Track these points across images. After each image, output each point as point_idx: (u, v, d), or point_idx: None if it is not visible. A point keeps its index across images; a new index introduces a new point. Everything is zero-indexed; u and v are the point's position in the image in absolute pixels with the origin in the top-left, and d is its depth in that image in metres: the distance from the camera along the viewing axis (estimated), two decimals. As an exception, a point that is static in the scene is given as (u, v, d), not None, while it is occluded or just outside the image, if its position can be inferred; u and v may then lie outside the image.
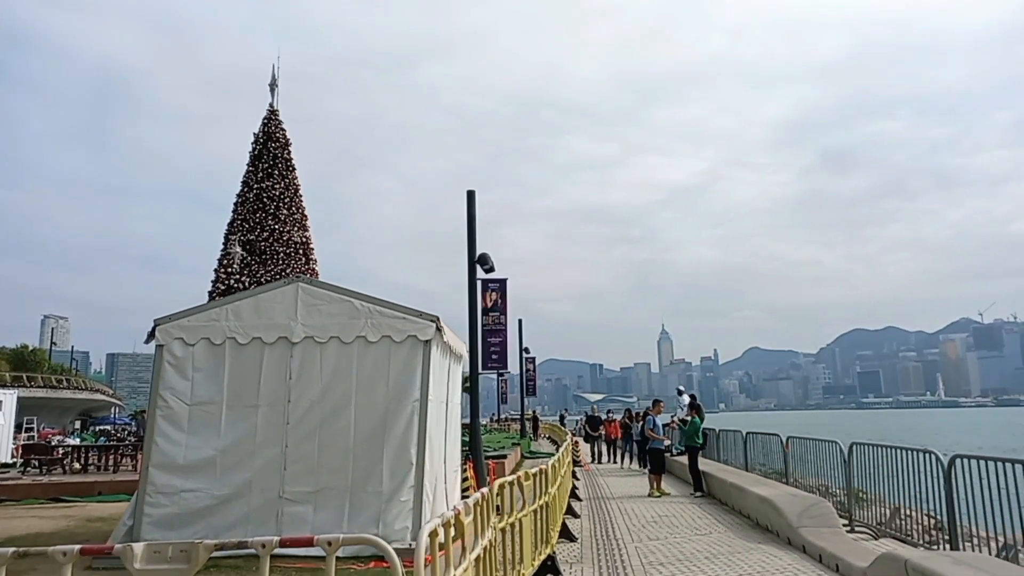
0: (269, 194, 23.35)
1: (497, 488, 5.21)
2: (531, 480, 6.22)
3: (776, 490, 10.22)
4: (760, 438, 13.84)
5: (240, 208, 23.50)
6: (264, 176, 23.39)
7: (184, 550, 3.19)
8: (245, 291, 9.22)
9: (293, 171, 24.46)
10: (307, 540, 3.12)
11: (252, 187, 23.37)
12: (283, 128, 24.35)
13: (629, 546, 8.77)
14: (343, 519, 8.46)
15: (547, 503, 7.02)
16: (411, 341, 8.91)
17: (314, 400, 8.77)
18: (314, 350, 8.91)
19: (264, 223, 23.16)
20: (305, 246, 24.02)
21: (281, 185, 23.76)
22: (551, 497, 7.36)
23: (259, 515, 8.50)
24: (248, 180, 23.49)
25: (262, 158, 23.65)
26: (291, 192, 23.99)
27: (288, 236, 23.52)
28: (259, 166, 23.55)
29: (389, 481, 8.52)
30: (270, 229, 23.24)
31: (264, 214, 23.26)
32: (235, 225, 23.33)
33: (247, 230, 23.16)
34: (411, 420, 8.69)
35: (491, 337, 15.15)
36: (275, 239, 23.39)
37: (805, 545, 8.13)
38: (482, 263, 14.67)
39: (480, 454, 13.84)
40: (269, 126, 24.02)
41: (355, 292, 9.23)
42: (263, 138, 23.86)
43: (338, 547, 3.09)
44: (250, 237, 23.14)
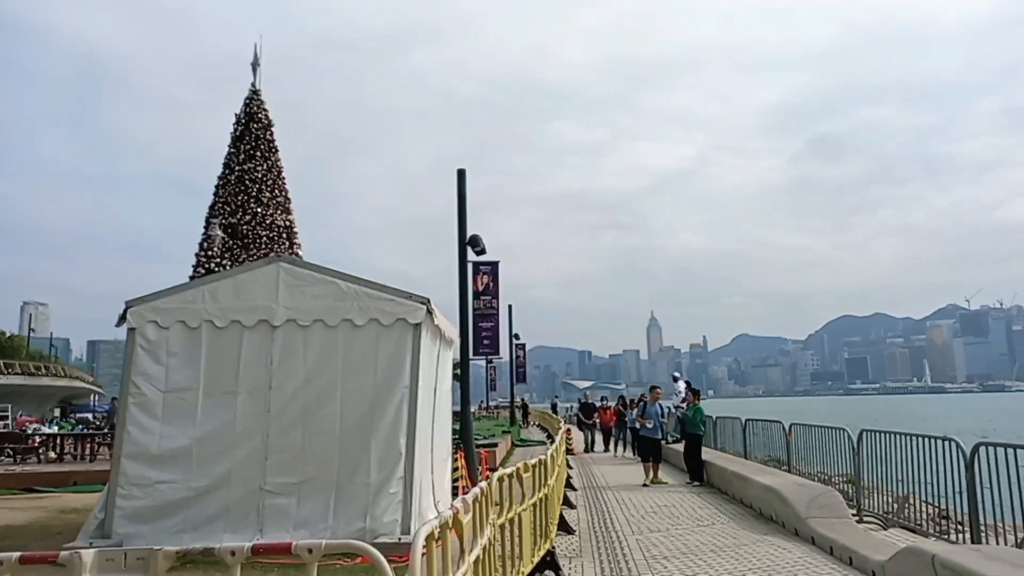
0: (251, 176, 22.58)
1: (496, 482, 4.76)
2: (530, 472, 5.77)
3: (781, 479, 9.85)
4: (760, 425, 13.49)
5: (221, 191, 22.73)
6: (246, 158, 22.59)
7: (141, 557, 2.75)
8: (223, 272, 8.64)
9: (276, 153, 23.67)
10: (284, 547, 2.66)
11: (234, 169, 22.57)
12: (265, 109, 23.52)
13: (630, 538, 8.38)
14: (328, 512, 8.00)
15: (546, 495, 6.59)
16: (400, 325, 8.42)
17: (297, 387, 8.28)
18: (297, 334, 8.41)
19: (246, 206, 22.42)
20: (289, 230, 23.30)
21: (264, 167, 22.97)
22: (550, 488, 6.93)
23: (239, 508, 8.03)
24: (230, 162, 22.71)
25: (244, 139, 22.85)
26: (274, 174, 23.24)
27: (271, 219, 22.81)
28: (241, 147, 22.75)
29: (377, 472, 8.07)
30: (252, 212, 22.52)
31: (246, 197, 22.51)
32: (216, 208, 22.56)
33: (229, 213, 22.40)
34: (400, 408, 8.22)
35: (482, 321, 14.69)
36: (258, 222, 22.66)
37: (814, 536, 7.75)
38: (473, 245, 14.16)
39: (471, 443, 13.42)
40: (251, 107, 23.19)
41: (340, 272, 8.72)
42: (245, 119, 23.02)
43: (319, 554, 2.63)
44: (232, 220, 22.39)
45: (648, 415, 13.52)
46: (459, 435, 13.80)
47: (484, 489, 4.23)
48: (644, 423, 13.65)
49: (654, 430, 13.43)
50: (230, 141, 22.54)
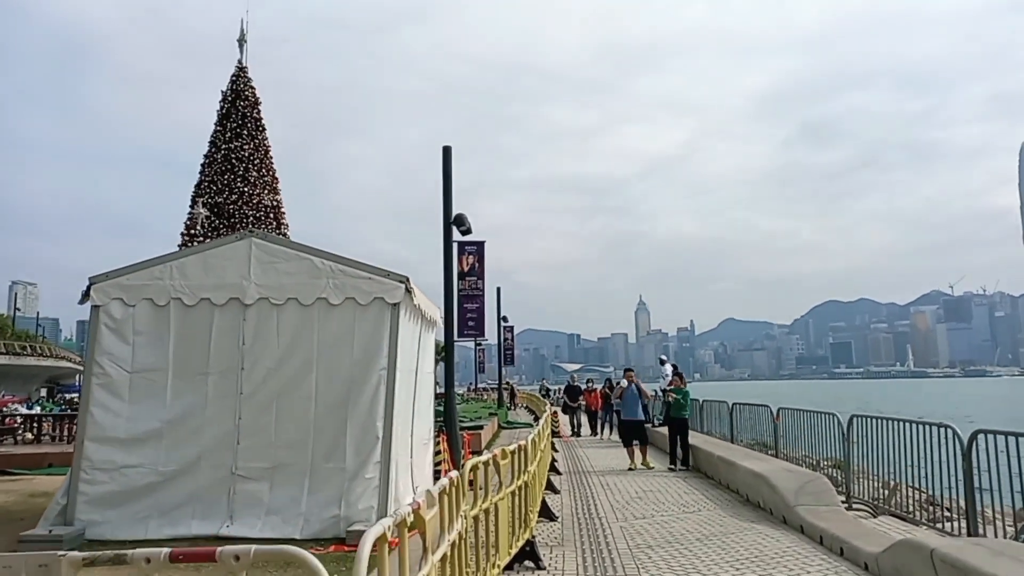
0: (238, 155, 21.99)
1: (470, 470, 4.47)
2: (509, 458, 5.49)
3: (769, 464, 9.65)
4: (748, 409, 13.30)
5: (207, 169, 22.13)
6: (232, 136, 21.99)
7: (44, 564, 2.41)
8: (192, 247, 8.26)
9: (263, 131, 23.04)
10: (208, 553, 2.34)
11: (220, 147, 21.96)
12: (252, 86, 22.84)
13: (614, 526, 8.14)
14: (302, 498, 7.71)
15: (527, 482, 6.31)
16: (378, 304, 8.08)
17: (270, 368, 7.95)
18: (270, 313, 8.06)
19: (232, 185, 21.85)
20: (276, 209, 22.77)
21: (250, 146, 22.37)
22: (531, 475, 6.66)
23: (209, 493, 7.72)
24: (216, 140, 22.09)
25: (230, 117, 22.22)
26: (261, 153, 22.63)
27: (258, 199, 22.25)
28: (227, 125, 22.13)
29: (353, 457, 7.78)
30: (239, 191, 21.96)
31: (232, 176, 21.93)
32: (202, 187, 21.97)
33: (215, 192, 21.82)
34: (377, 390, 7.91)
35: (467, 303, 14.36)
36: (244, 202, 22.09)
37: (803, 525, 7.55)
38: (458, 224, 13.78)
39: (455, 426, 13.11)
40: (238, 84, 22.55)
41: (316, 249, 8.36)
42: (231, 96, 22.38)
43: (248, 562, 2.32)
44: (218, 200, 21.81)
45: (626, 397, 13.28)
46: (443, 418, 13.54)
47: (454, 479, 3.94)
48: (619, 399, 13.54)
49: (636, 412, 13.14)
50: (216, 119, 21.89)
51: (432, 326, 10.91)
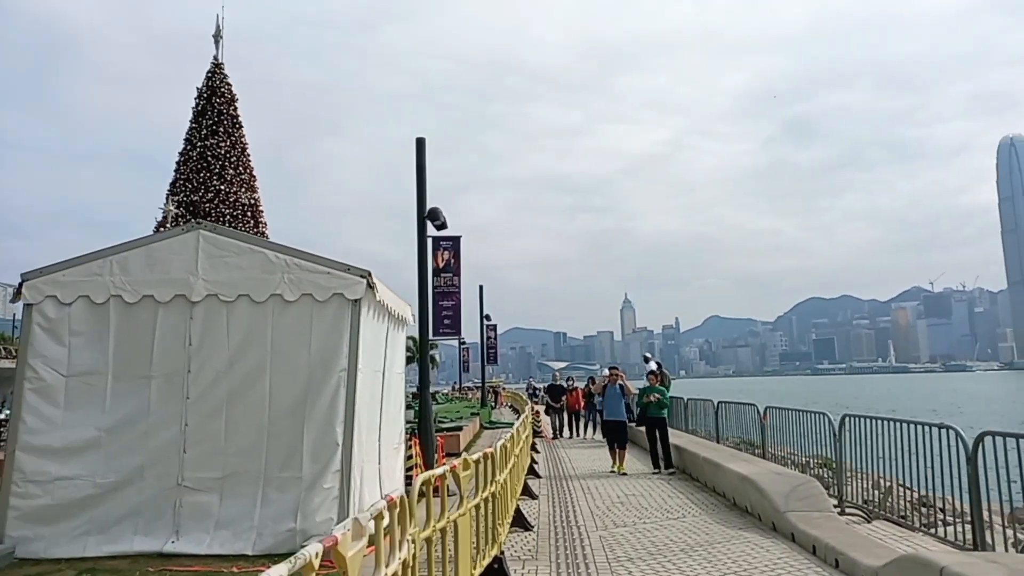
0: (214, 152, 21.33)
1: (420, 487, 3.90)
2: (471, 468, 4.92)
3: (757, 467, 9.17)
4: (734, 408, 12.83)
5: (183, 167, 21.44)
6: (208, 133, 21.34)
7: None
8: (134, 240, 7.62)
9: (240, 128, 22.40)
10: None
11: (195, 145, 21.30)
12: (229, 83, 22.22)
13: (593, 535, 7.61)
14: (255, 511, 7.11)
15: (495, 493, 5.76)
16: (337, 300, 7.49)
17: (220, 370, 7.34)
18: (219, 310, 7.44)
19: (208, 183, 21.19)
20: (254, 208, 22.10)
21: (227, 143, 21.73)
22: (500, 485, 6.10)
23: (153, 507, 7.10)
24: (191, 137, 21.43)
25: (206, 114, 21.57)
26: (238, 151, 21.98)
27: (235, 197, 21.58)
28: (203, 122, 21.47)
29: (310, 465, 7.18)
30: (215, 190, 21.32)
31: (208, 173, 21.27)
32: (177, 185, 21.29)
33: (190, 190, 21.12)
34: (337, 393, 7.32)
35: (443, 300, 13.76)
36: (220, 200, 21.43)
37: (794, 532, 7.06)
38: (432, 219, 13.16)
39: (430, 428, 12.52)
40: (213, 80, 21.89)
41: (269, 242, 7.78)
42: (207, 93, 21.73)
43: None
44: (193, 198, 21.13)
45: (609, 396, 12.70)
46: (418, 420, 12.96)
47: (398, 501, 3.37)
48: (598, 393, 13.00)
49: (619, 412, 12.58)
50: (192, 116, 21.25)
51: (402, 324, 10.33)
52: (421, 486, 3.96)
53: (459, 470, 4.69)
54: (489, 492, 5.56)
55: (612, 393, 12.61)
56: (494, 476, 5.83)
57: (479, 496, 5.24)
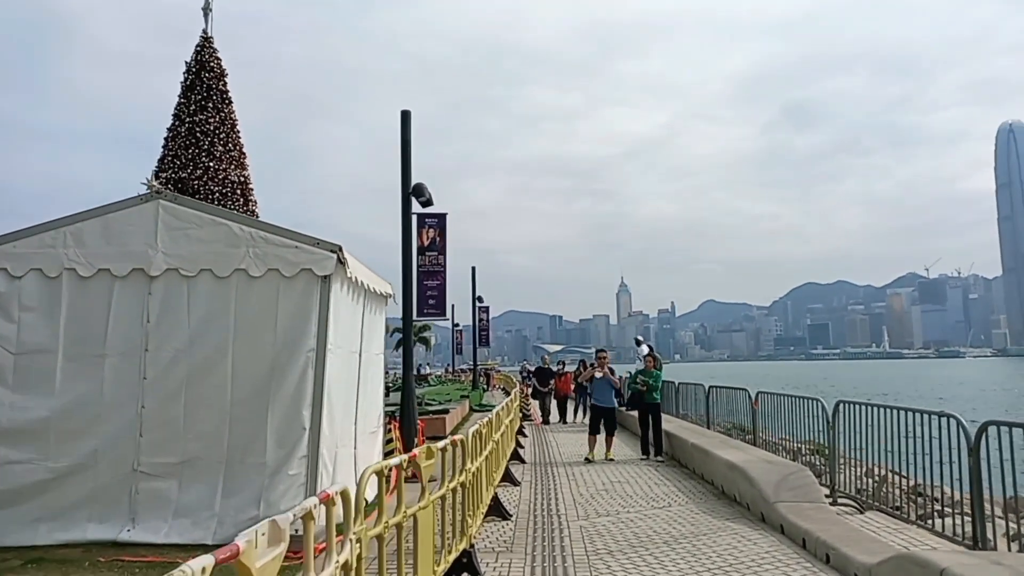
0: (203, 128, 20.97)
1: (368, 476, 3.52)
2: (435, 457, 4.53)
3: (747, 455, 8.83)
4: (724, 393, 12.49)
5: (171, 143, 21.03)
6: (197, 109, 20.95)
7: None
8: (90, 209, 7.17)
9: (230, 104, 22.00)
10: None
11: (184, 121, 20.90)
12: (218, 57, 21.80)
13: (573, 525, 7.26)
14: (215, 498, 6.74)
15: (464, 483, 5.38)
16: (305, 276, 7.06)
17: (180, 349, 6.92)
18: (180, 286, 7.01)
19: (197, 160, 20.82)
20: (243, 186, 21.70)
21: (216, 119, 21.34)
22: (472, 474, 5.73)
23: (108, 493, 6.72)
24: (180, 113, 21.03)
25: (195, 89, 21.17)
26: (227, 127, 21.57)
27: (224, 174, 21.20)
28: (192, 98, 21.06)
29: (275, 450, 6.80)
30: (204, 167, 20.96)
31: (197, 150, 20.91)
32: (166, 162, 20.91)
33: (178, 167, 20.75)
34: (304, 374, 6.92)
35: (428, 280, 13.32)
36: (209, 177, 21.07)
37: (784, 524, 6.72)
38: (417, 195, 12.69)
39: (412, 411, 12.14)
40: (203, 55, 21.47)
41: (234, 213, 7.34)
42: (196, 67, 21.32)
43: None
44: (182, 175, 20.78)
45: (599, 381, 12.21)
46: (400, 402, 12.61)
47: (336, 495, 2.99)
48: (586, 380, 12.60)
49: (609, 398, 12.13)
50: (180, 91, 20.86)
51: (382, 303, 9.93)
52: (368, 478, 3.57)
53: (420, 459, 4.30)
54: (458, 482, 5.18)
55: (603, 379, 12.15)
56: (464, 465, 5.45)
57: (445, 487, 4.86)
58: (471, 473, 5.65)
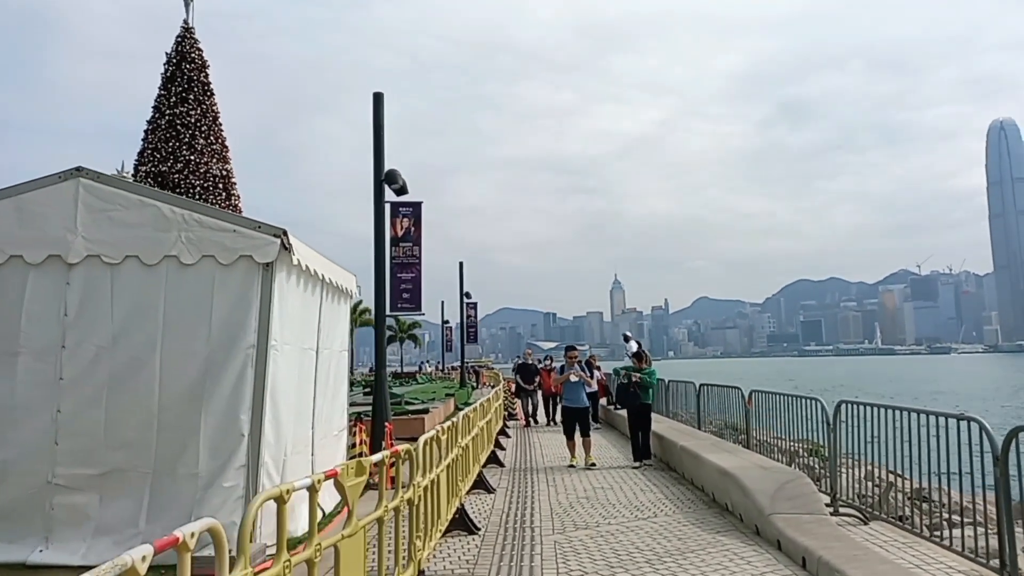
0: (183, 121, 20.42)
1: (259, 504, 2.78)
2: (364, 475, 3.77)
3: (740, 460, 8.11)
4: (717, 391, 11.78)
5: (151, 136, 20.50)
6: (178, 101, 20.41)
7: None
8: (1, 189, 6.37)
9: (211, 96, 21.42)
10: None
11: (164, 113, 20.36)
12: (199, 48, 21.29)
13: (547, 540, 6.52)
14: (141, 514, 5.96)
15: (412, 500, 4.63)
16: (245, 264, 6.29)
17: (102, 347, 6.14)
18: (103, 275, 6.23)
19: (178, 153, 20.29)
20: (225, 179, 21.10)
21: (197, 111, 20.77)
22: (426, 488, 4.98)
23: (18, 509, 5.94)
24: (160, 105, 20.50)
25: (175, 80, 20.64)
26: (209, 119, 21.01)
27: (205, 168, 20.65)
28: (172, 89, 20.54)
29: (209, 459, 6.03)
30: (184, 160, 20.43)
31: (178, 143, 20.38)
32: (145, 155, 20.38)
33: (159, 160, 20.18)
34: (243, 374, 6.15)
35: (401, 272, 12.54)
36: (190, 171, 20.55)
37: (781, 540, 6.00)
38: (390, 182, 11.93)
39: (384, 412, 11.39)
40: (183, 45, 20.95)
41: (165, 193, 6.54)
42: (176, 58, 20.80)
43: None
44: (162, 168, 20.23)
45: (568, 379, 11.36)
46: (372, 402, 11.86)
47: (185, 538, 2.25)
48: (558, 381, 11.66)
49: (578, 396, 11.29)
50: (160, 83, 20.32)
51: (344, 296, 9.17)
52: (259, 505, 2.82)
53: (345, 477, 3.55)
54: (402, 500, 4.43)
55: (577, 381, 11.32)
56: (413, 479, 4.70)
57: (382, 507, 4.10)
58: (423, 488, 4.90)
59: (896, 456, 6.29)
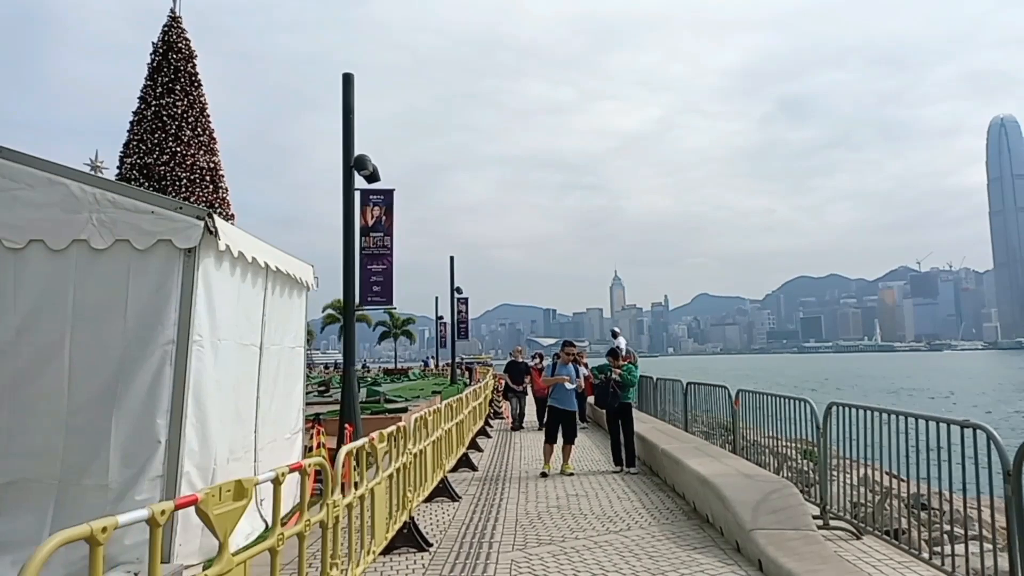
0: (170, 112, 19.88)
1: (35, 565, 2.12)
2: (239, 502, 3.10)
3: (722, 466, 7.45)
4: (704, 390, 11.12)
5: (136, 127, 20.01)
6: (164, 91, 19.91)
7: None
8: None
9: (199, 87, 20.87)
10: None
11: (150, 103, 19.85)
12: (187, 38, 20.77)
13: (504, 557, 5.87)
14: (45, 529, 5.28)
15: (326, 523, 3.97)
16: (164, 249, 5.62)
17: (3, 342, 5.47)
18: (4, 262, 5.55)
19: (164, 145, 19.79)
20: (213, 172, 20.55)
21: (184, 102, 20.22)
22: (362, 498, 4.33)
23: (-94, 525, 5.26)
24: (146, 95, 20.01)
25: (161, 71, 20.13)
26: (196, 111, 20.48)
27: (192, 160, 20.12)
28: (158, 80, 20.04)
29: (121, 469, 5.36)
30: (171, 152, 19.92)
31: (164, 135, 19.86)
32: (131, 146, 19.89)
33: (144, 152, 19.66)
34: (160, 373, 5.48)
35: (372, 263, 11.86)
36: (177, 163, 20.02)
37: (762, 559, 5.35)
38: (359, 167, 11.28)
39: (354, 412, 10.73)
40: (170, 35, 20.44)
41: (74, 170, 5.85)
42: (163, 48, 20.30)
43: None
44: (147, 160, 19.72)
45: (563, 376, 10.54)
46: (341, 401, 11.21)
47: None
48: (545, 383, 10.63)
49: (568, 399, 10.54)
50: (147, 73, 19.80)
51: (298, 288, 8.51)
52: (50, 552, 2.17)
53: (208, 504, 2.89)
54: (305, 526, 3.76)
55: (566, 374, 10.54)
56: (327, 497, 4.04)
57: (274, 535, 3.45)
58: (344, 508, 4.24)
59: (892, 466, 5.65)
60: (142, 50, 20.56)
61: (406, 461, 6.08)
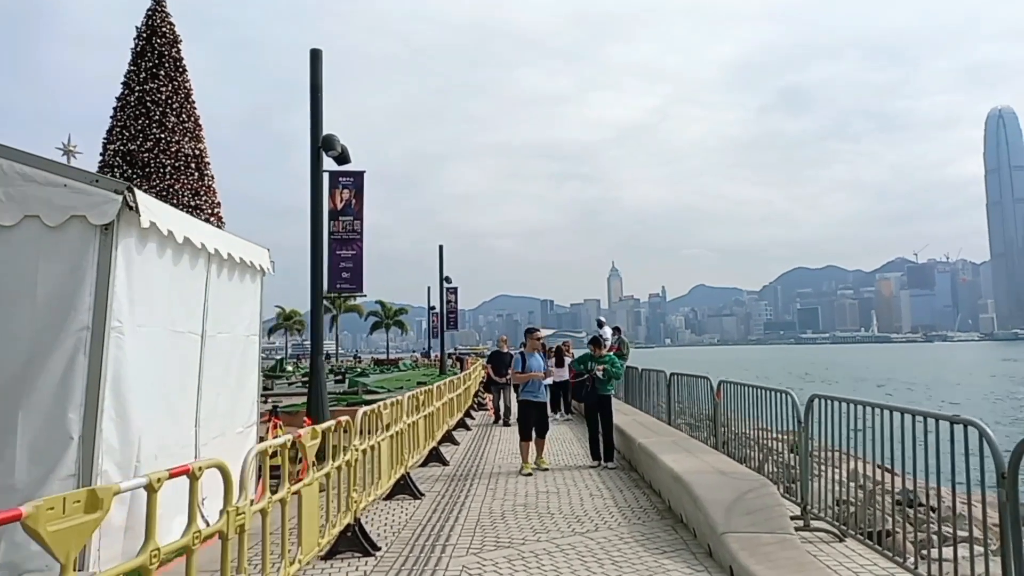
0: (153, 98, 19.34)
1: None
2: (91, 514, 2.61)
3: (698, 461, 6.99)
4: (686, 380, 10.64)
5: (120, 113, 19.45)
6: (148, 77, 19.38)
7: None
8: None
9: (184, 73, 20.29)
10: None
11: (134, 89, 19.33)
12: (171, 22, 20.24)
13: (456, 562, 5.40)
14: (-58, 535, 4.81)
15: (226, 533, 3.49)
16: (78, 226, 5.11)
17: (-101, 328, 4.97)
18: (-100, 240, 5.05)
19: (148, 131, 19.26)
20: (199, 159, 20.01)
21: (168, 88, 19.66)
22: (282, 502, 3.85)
23: None
24: (129, 81, 19.51)
25: (145, 56, 19.61)
26: (181, 97, 19.92)
27: (177, 147, 19.56)
28: (142, 65, 19.51)
29: (29, 467, 4.88)
30: (155, 138, 19.37)
31: (148, 120, 19.33)
32: (114, 133, 19.34)
33: (127, 139, 19.12)
34: (73, 362, 4.99)
35: (341, 249, 11.37)
36: (161, 150, 19.48)
37: (733, 567, 4.88)
38: (327, 148, 10.77)
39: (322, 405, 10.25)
40: (154, 19, 19.95)
41: (-21, 140, 5.32)
42: (147, 32, 19.79)
43: None
44: (131, 147, 19.18)
45: (530, 369, 9.98)
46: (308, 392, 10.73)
47: None
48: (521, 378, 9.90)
49: (539, 390, 10.00)
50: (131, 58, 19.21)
51: (250, 272, 8.00)
52: None
53: (41, 519, 2.39)
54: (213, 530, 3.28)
55: (535, 366, 10.00)
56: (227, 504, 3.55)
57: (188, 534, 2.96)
58: (255, 513, 3.76)
59: (878, 463, 5.18)
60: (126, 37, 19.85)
61: (350, 459, 5.60)
